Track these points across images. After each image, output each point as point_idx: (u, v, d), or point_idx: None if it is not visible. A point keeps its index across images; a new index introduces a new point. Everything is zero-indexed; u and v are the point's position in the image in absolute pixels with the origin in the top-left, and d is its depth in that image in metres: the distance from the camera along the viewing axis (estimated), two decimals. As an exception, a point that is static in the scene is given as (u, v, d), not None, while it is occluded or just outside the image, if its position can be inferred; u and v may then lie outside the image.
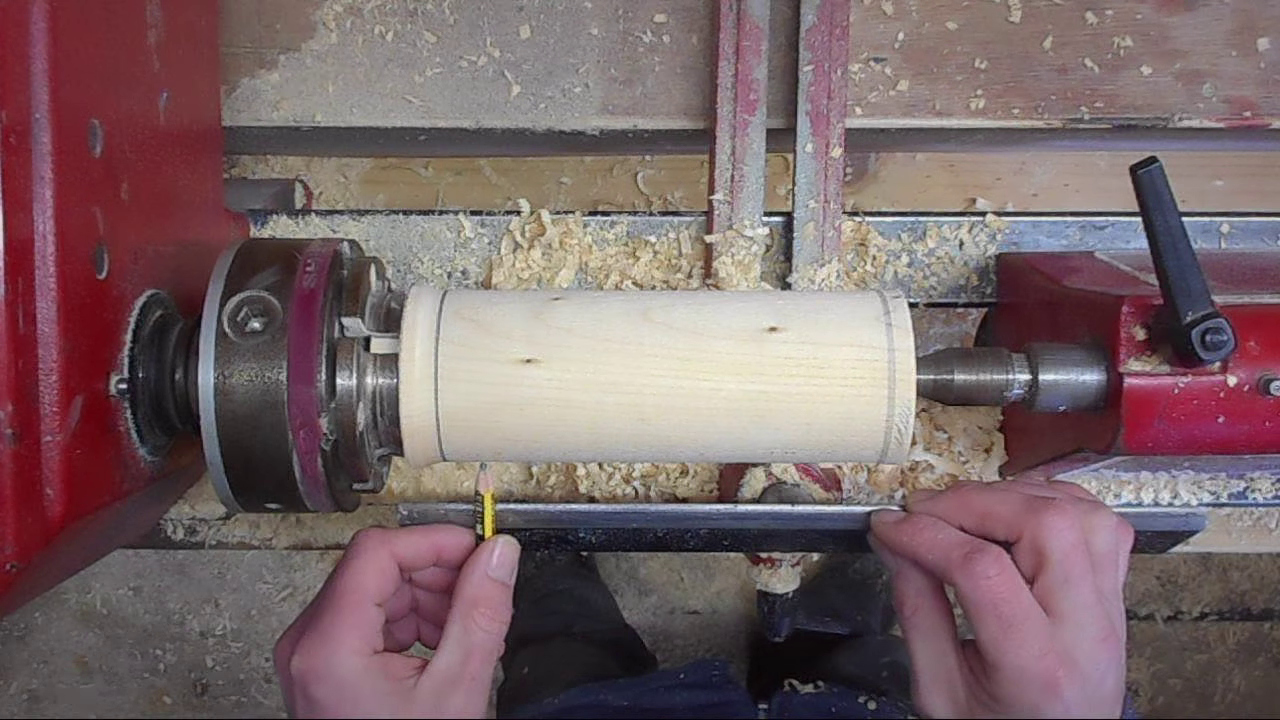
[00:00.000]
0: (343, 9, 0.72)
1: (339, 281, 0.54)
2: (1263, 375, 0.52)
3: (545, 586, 1.51)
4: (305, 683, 0.49)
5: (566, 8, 0.72)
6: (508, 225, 0.72)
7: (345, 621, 0.49)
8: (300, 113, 0.72)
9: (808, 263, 0.68)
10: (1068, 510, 0.49)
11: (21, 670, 1.75)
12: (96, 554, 0.57)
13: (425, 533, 0.53)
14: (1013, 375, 0.54)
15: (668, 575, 1.73)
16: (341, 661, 0.49)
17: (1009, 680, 0.48)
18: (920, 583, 0.53)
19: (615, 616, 1.55)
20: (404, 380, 0.52)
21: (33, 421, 0.45)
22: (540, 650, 1.27)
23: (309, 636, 0.50)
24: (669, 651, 1.73)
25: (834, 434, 0.53)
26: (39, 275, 0.45)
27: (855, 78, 0.71)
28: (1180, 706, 1.78)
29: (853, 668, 1.21)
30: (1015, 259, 0.69)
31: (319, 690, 0.49)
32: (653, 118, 0.72)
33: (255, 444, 0.52)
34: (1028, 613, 0.48)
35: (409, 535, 0.53)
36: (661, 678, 1.03)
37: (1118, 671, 0.49)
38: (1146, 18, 0.71)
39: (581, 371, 0.52)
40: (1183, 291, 0.50)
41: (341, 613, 0.50)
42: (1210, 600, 1.76)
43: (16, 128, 0.44)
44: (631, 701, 0.97)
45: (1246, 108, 0.71)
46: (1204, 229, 0.71)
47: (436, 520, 0.54)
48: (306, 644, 0.49)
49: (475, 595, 0.52)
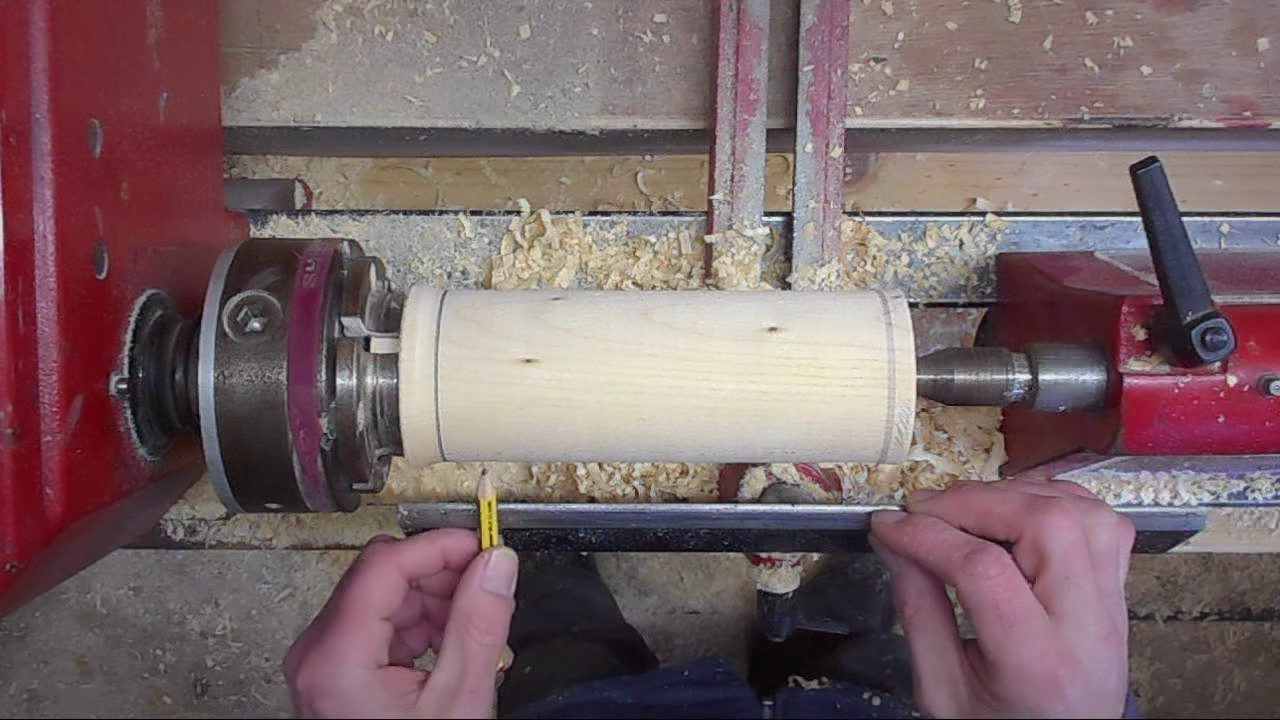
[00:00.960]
0: (343, 9, 0.72)
1: (339, 281, 0.54)
2: (1263, 375, 0.52)
3: (545, 587, 1.51)
4: (311, 696, 0.50)
5: (566, 8, 0.72)
6: (508, 225, 0.72)
7: (350, 637, 0.50)
8: (300, 113, 0.72)
9: (808, 263, 0.68)
10: (1068, 509, 0.49)
11: (21, 670, 1.75)
12: (96, 554, 0.57)
13: (431, 540, 0.54)
14: (1013, 375, 0.54)
15: (668, 575, 1.73)
16: (346, 676, 0.50)
17: (1011, 679, 0.48)
18: (921, 583, 0.53)
19: (615, 616, 1.55)
20: (404, 380, 0.52)
21: (33, 421, 0.45)
22: (542, 650, 1.27)
23: (315, 650, 0.50)
24: (669, 651, 1.73)
25: (834, 434, 0.53)
26: (39, 275, 0.45)
27: (855, 78, 0.71)
28: (1180, 706, 1.78)
29: (856, 665, 1.21)
30: (1015, 259, 0.69)
31: (324, 704, 0.50)
32: (653, 118, 0.72)
33: (255, 444, 0.52)
34: (1029, 612, 0.48)
35: (415, 546, 0.53)
36: (665, 675, 1.03)
37: (1120, 670, 0.49)
38: (1146, 18, 0.71)
39: (581, 371, 0.52)
40: (1183, 291, 0.50)
41: (346, 628, 0.50)
42: (1210, 600, 1.76)
43: (16, 128, 0.44)
44: (636, 699, 0.97)
45: (1246, 108, 0.71)
46: (1204, 229, 0.71)
47: (437, 521, 0.54)
48: (313, 658, 0.50)
49: (469, 609, 0.52)
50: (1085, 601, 0.48)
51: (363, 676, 0.50)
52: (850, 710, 0.94)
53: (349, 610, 0.51)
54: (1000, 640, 0.48)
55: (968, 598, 0.49)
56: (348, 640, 0.50)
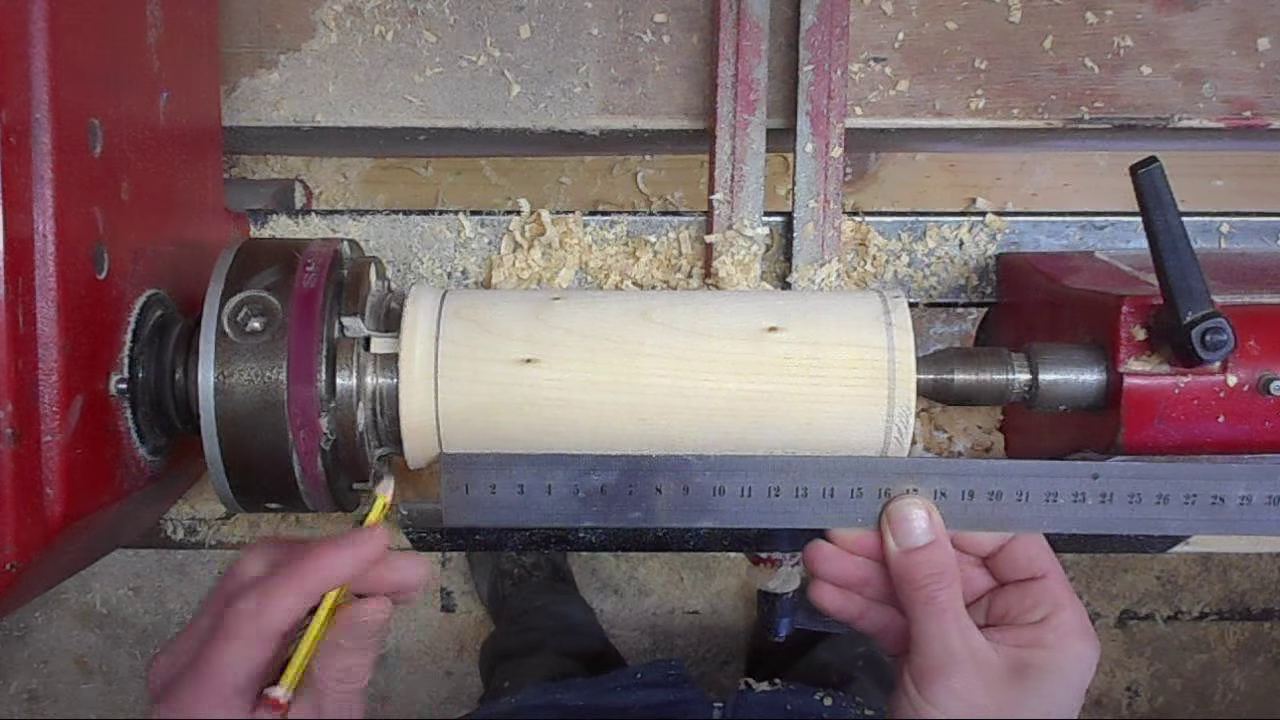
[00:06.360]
0: (343, 9, 0.72)
1: (339, 281, 0.54)
2: (1263, 375, 0.52)
3: (524, 603, 1.52)
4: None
5: (566, 8, 0.72)
6: (508, 225, 0.72)
7: (210, 703, 0.46)
8: (300, 113, 0.72)
9: (808, 263, 0.68)
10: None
11: (21, 670, 1.75)
12: (96, 554, 0.57)
13: (299, 575, 0.48)
14: (1013, 375, 0.54)
15: (668, 575, 1.73)
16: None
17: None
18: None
19: (595, 631, 1.56)
20: (404, 380, 0.52)
21: (33, 421, 0.45)
22: (519, 665, 1.27)
23: (171, 703, 0.47)
24: (669, 652, 1.73)
25: (834, 434, 0.53)
26: (39, 275, 0.45)
27: (855, 78, 0.71)
28: (1180, 706, 1.78)
29: (828, 655, 1.21)
30: (1015, 259, 0.69)
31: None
32: (653, 118, 0.72)
33: (255, 444, 0.52)
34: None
35: (282, 597, 0.47)
36: (618, 677, 1.03)
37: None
38: (1146, 18, 0.71)
39: (581, 371, 0.52)
40: (1183, 291, 0.50)
41: (205, 697, 0.46)
42: (1210, 600, 1.76)
43: (16, 128, 0.44)
44: (587, 700, 0.97)
45: (1246, 108, 0.71)
46: (1204, 229, 0.71)
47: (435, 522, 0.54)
48: (166, 710, 0.47)
49: (329, 661, 0.48)
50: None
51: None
52: (801, 711, 0.94)
53: (208, 678, 0.46)
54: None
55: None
56: (204, 707, 0.46)
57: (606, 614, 1.71)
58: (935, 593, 0.50)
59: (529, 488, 0.52)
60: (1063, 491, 0.52)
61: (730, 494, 0.52)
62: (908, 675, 0.50)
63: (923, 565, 0.50)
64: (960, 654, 0.49)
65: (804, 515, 0.52)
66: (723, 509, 0.52)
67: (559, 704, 0.97)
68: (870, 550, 0.52)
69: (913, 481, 0.52)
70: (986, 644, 0.49)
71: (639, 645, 1.73)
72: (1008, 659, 0.49)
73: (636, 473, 0.51)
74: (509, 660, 1.30)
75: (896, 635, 0.53)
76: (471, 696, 1.68)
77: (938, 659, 0.49)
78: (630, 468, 0.52)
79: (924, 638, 0.49)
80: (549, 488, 0.52)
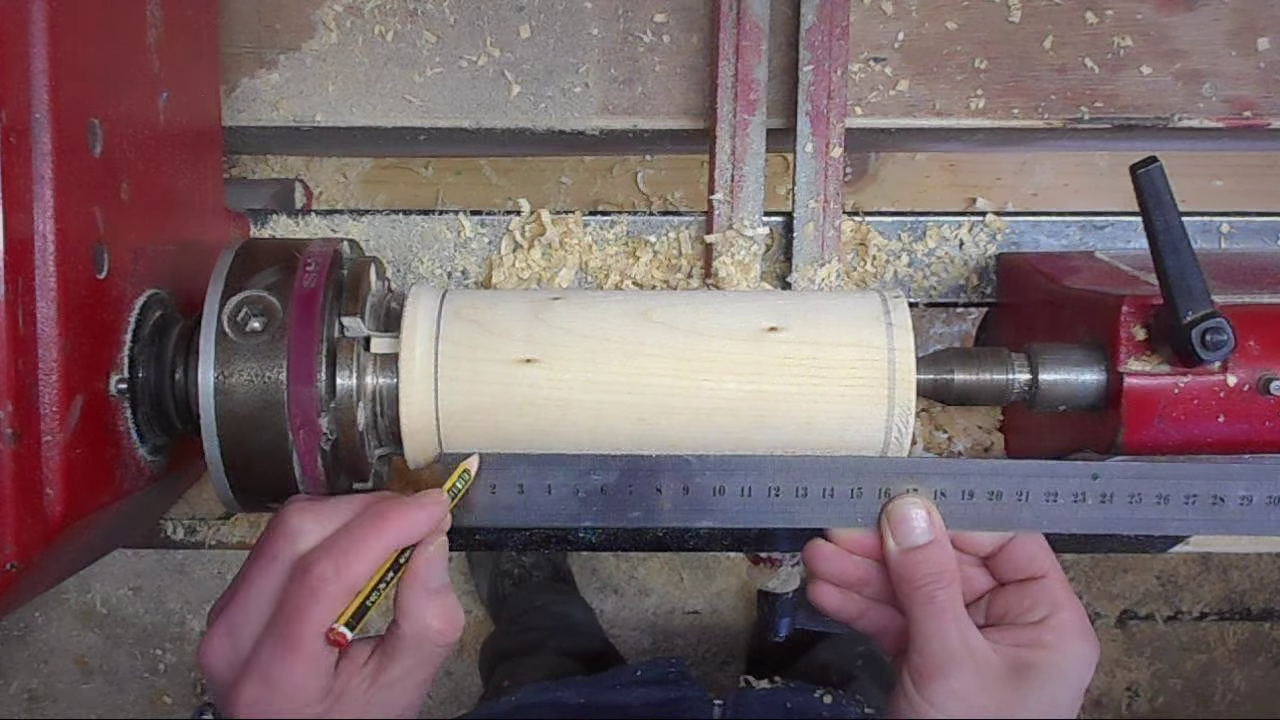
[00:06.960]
0: (343, 9, 0.72)
1: (339, 281, 0.54)
2: (1263, 375, 0.52)
3: (525, 603, 1.52)
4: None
5: (566, 8, 0.72)
6: (508, 225, 0.72)
7: (300, 668, 0.47)
8: (300, 113, 0.72)
9: (808, 263, 0.68)
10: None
11: (21, 670, 1.75)
12: (96, 554, 0.57)
13: (378, 535, 0.49)
14: (1013, 375, 0.54)
15: (668, 575, 1.73)
16: (299, 712, 0.47)
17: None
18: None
19: (595, 630, 1.56)
20: (404, 380, 0.52)
21: (33, 421, 0.45)
22: (519, 664, 1.27)
23: (254, 678, 0.47)
24: (669, 651, 1.73)
25: (834, 434, 0.53)
26: (39, 275, 0.45)
27: (855, 78, 0.71)
28: (1180, 706, 1.78)
29: (829, 655, 1.21)
30: (1015, 259, 0.69)
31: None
32: (653, 118, 0.72)
33: (255, 444, 0.52)
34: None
35: (361, 556, 0.48)
36: (618, 675, 1.03)
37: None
38: (1146, 18, 0.71)
39: (581, 371, 0.52)
40: (1183, 291, 0.50)
41: (296, 662, 0.47)
42: (1210, 600, 1.76)
43: (16, 128, 0.44)
44: (587, 699, 0.97)
45: (1246, 108, 0.71)
46: (1204, 229, 0.71)
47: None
48: (253, 688, 0.47)
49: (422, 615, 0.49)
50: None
51: (316, 709, 0.47)
52: (801, 709, 0.94)
53: (297, 641, 0.46)
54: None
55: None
56: (299, 674, 0.46)
57: (606, 614, 1.71)
58: (935, 592, 0.50)
59: (529, 488, 0.52)
60: (1063, 491, 0.52)
61: (730, 494, 0.52)
62: (907, 675, 0.50)
63: (922, 565, 0.50)
64: (959, 654, 0.49)
65: (804, 515, 0.52)
66: (723, 509, 0.52)
67: (559, 702, 0.97)
68: (870, 550, 0.52)
69: (913, 481, 0.52)
70: (986, 644, 0.49)
71: (639, 645, 1.73)
72: (1007, 659, 0.49)
73: (636, 473, 0.52)
74: (509, 660, 1.30)
75: (896, 635, 0.53)
76: (471, 696, 1.68)
77: (937, 659, 0.49)
78: (630, 468, 0.52)
79: (923, 637, 0.49)
80: (549, 488, 0.52)
